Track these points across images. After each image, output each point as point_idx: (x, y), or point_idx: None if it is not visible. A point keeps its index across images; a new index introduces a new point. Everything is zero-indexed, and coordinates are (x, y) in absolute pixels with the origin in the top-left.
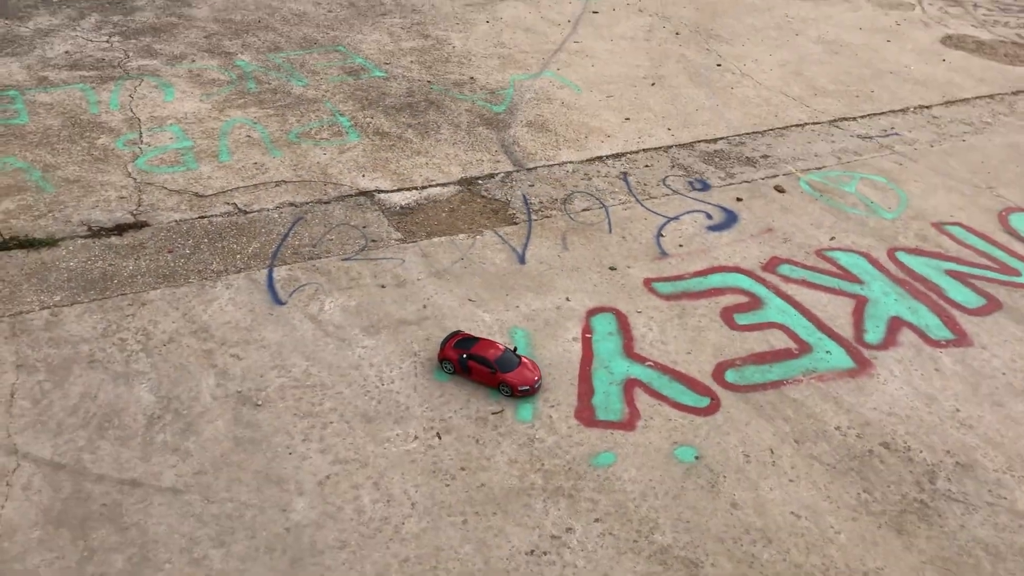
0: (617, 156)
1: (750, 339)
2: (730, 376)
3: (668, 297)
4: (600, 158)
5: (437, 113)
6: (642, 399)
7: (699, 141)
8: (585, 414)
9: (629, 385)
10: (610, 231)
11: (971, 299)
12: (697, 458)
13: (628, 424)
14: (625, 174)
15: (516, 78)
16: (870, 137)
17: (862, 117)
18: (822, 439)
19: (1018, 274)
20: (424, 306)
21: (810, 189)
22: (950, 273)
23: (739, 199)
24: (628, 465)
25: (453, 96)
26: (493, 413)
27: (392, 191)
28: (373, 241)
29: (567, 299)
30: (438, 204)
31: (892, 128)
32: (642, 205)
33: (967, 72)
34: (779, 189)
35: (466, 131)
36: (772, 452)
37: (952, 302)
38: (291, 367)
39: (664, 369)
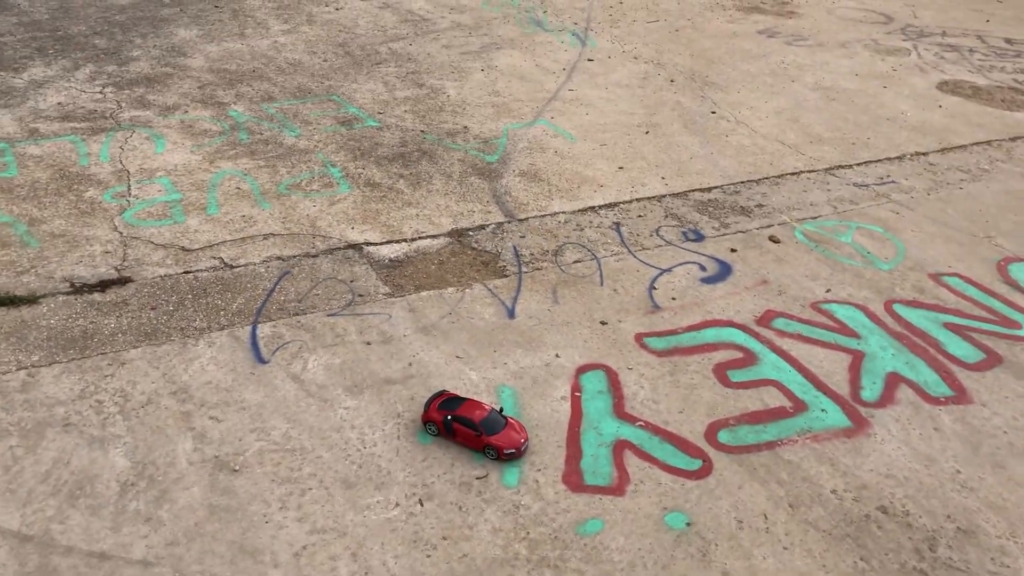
0: (610, 206)
1: (744, 397)
2: (723, 436)
3: (660, 353)
4: (593, 208)
5: (429, 163)
6: (632, 462)
7: (693, 190)
8: (573, 478)
9: (619, 447)
10: (602, 284)
11: (970, 353)
12: (688, 524)
13: (617, 489)
14: (618, 224)
15: (510, 127)
16: (866, 185)
17: (858, 165)
18: (817, 503)
19: (1019, 327)
20: (410, 364)
21: (805, 239)
22: (948, 326)
23: (733, 250)
24: (616, 533)
25: (446, 146)
26: (478, 478)
27: (381, 243)
28: (360, 296)
29: (556, 355)
30: (427, 257)
31: (888, 176)
32: (635, 256)
33: (964, 118)
34: (774, 239)
35: (458, 181)
36: (766, 518)
37: (951, 356)
38: (271, 430)
39: (655, 430)
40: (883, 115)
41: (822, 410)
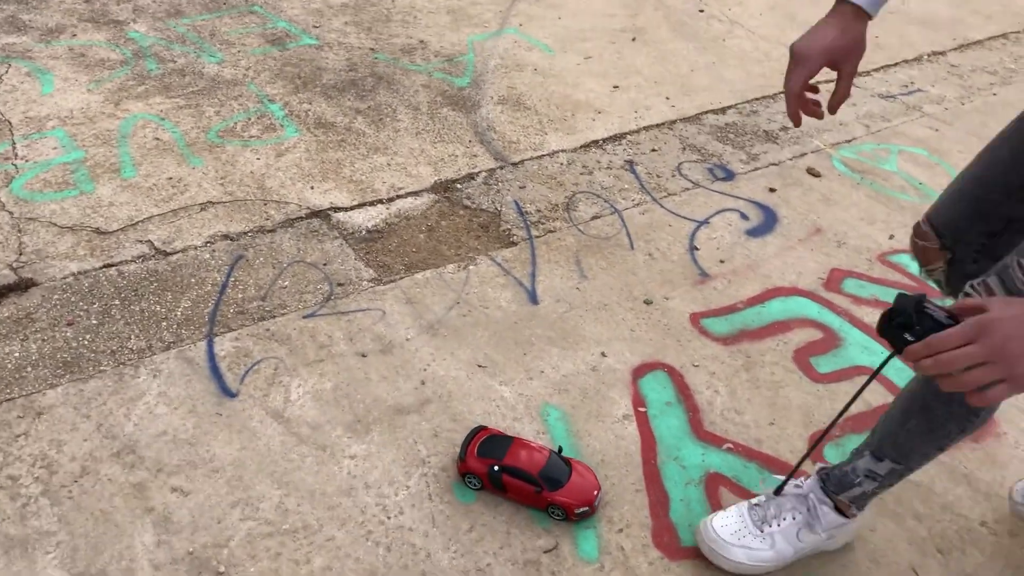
0: (616, 139)
1: (839, 393)
2: (830, 454)
3: (725, 340)
4: (596, 143)
5: (389, 92)
6: (729, 500)
7: (705, 112)
8: (666, 537)
9: (711, 483)
10: (632, 246)
11: None
12: None
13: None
14: (631, 163)
15: (474, 39)
16: (892, 96)
17: (875, 71)
18: (969, 544)
19: None
20: (423, 382)
21: (847, 170)
22: None
23: (772, 189)
24: None
25: (404, 67)
26: (545, 552)
27: (352, 207)
28: (340, 285)
29: (603, 354)
30: (412, 222)
31: (913, 83)
32: (661, 205)
33: (969, 7)
34: (812, 172)
35: (428, 115)
36: (915, 573)
37: None
38: (259, 501)
39: (748, 453)
40: (884, 7)
41: None
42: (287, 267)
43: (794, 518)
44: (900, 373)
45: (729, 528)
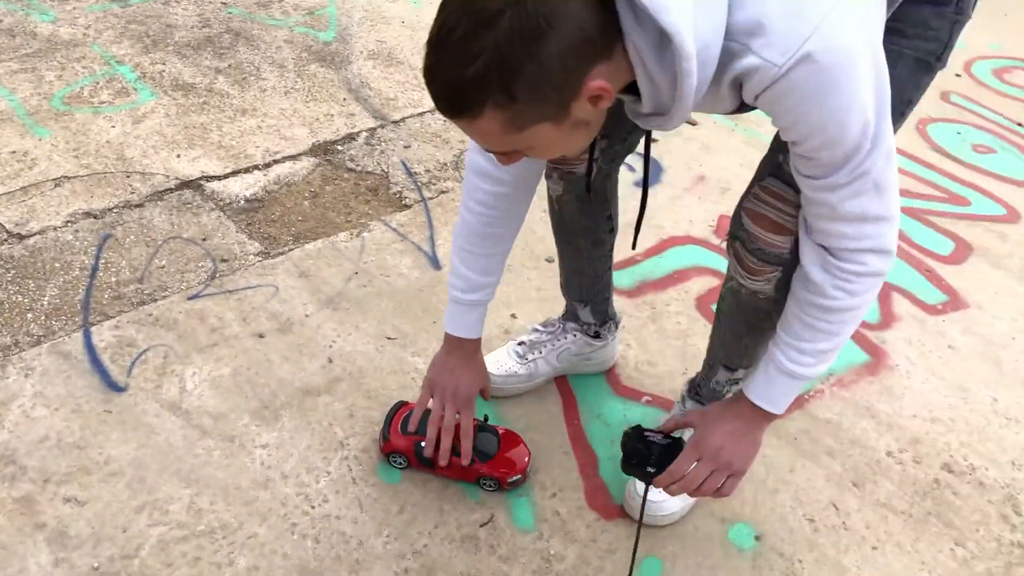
0: None
1: None
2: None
3: (630, 293)
4: None
5: (249, 49)
6: None
7: None
8: (600, 497)
9: None
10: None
11: (939, 244)
12: (757, 539)
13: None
14: None
15: None
16: None
17: None
18: (881, 475)
19: (968, 203)
20: (330, 360)
21: (723, 117)
22: (905, 211)
23: (654, 140)
24: (681, 571)
25: (262, 22)
26: (482, 525)
27: (226, 176)
28: (224, 260)
29: (513, 315)
30: (294, 188)
31: None
32: None
33: None
34: (690, 122)
35: (296, 72)
36: (836, 508)
37: (923, 250)
38: (167, 503)
39: (666, 404)
40: None
41: None
42: (162, 244)
43: (552, 346)
44: None
45: (497, 361)
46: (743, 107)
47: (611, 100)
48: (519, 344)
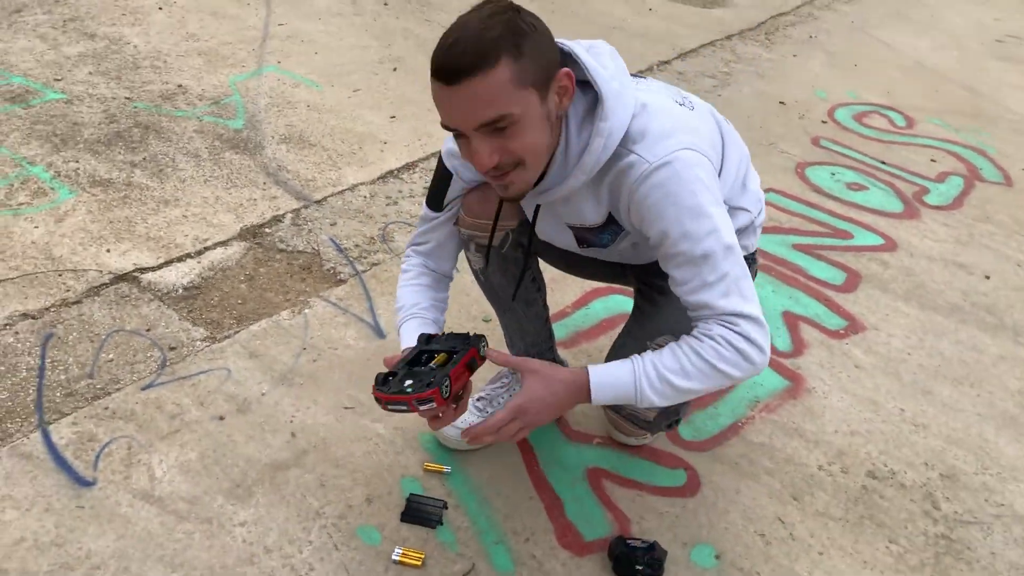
0: (409, 167)
1: None
2: (684, 433)
3: (565, 344)
4: (392, 173)
5: (160, 141)
6: (616, 492)
7: None
8: (569, 536)
9: (593, 477)
10: (457, 268)
11: (833, 275)
12: (718, 557)
13: (623, 533)
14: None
15: (236, 79)
16: None
17: None
18: (815, 487)
19: (851, 236)
20: (293, 434)
21: None
22: (798, 248)
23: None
24: None
25: (168, 114)
26: (465, 574)
27: (159, 266)
28: (172, 348)
29: None
30: (229, 273)
31: None
32: None
33: (679, 20)
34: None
35: (212, 161)
36: (782, 522)
37: (819, 281)
38: None
39: (616, 444)
40: (606, 23)
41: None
42: (107, 338)
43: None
44: None
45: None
46: (608, 223)
47: (570, 100)
48: (478, 400)
